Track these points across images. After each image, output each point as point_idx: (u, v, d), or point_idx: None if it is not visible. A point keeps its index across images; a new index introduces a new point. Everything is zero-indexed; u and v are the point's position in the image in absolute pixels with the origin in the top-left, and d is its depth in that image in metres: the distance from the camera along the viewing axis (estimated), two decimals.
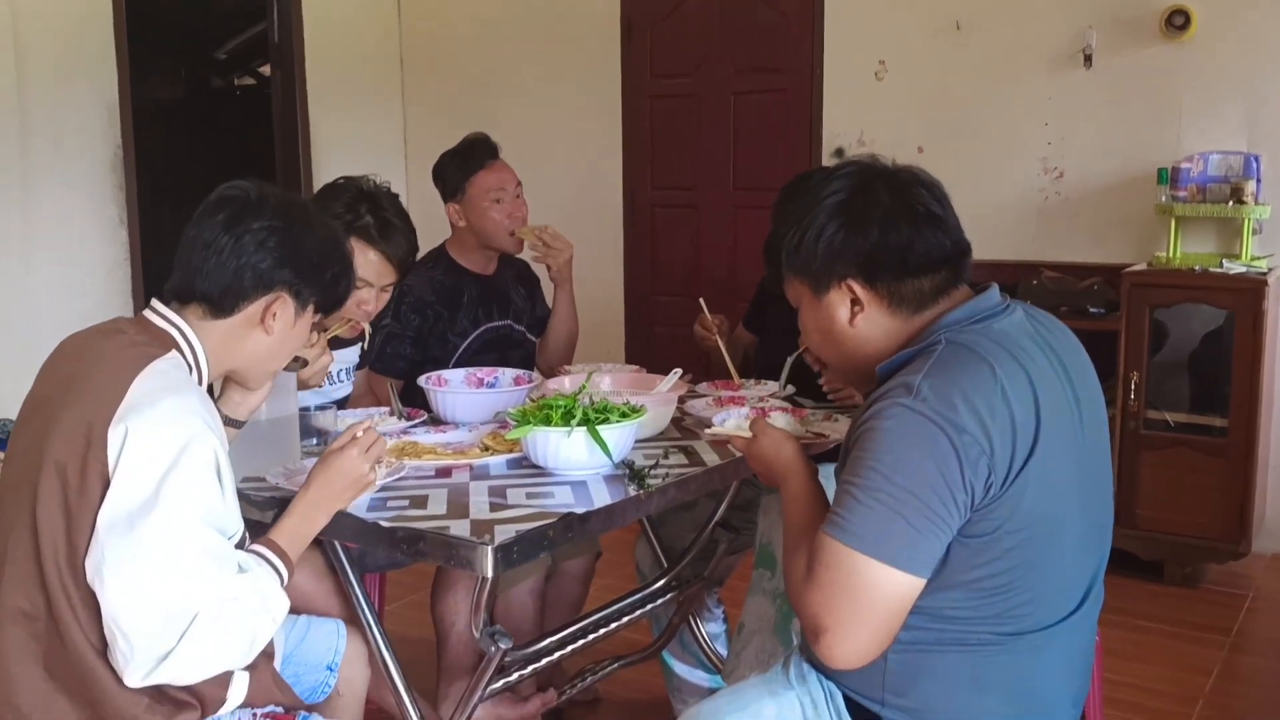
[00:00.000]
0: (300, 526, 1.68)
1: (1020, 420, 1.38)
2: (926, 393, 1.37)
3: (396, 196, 2.47)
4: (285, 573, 1.62)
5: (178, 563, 1.47)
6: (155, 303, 1.66)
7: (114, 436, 1.48)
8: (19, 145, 4.39)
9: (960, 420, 1.35)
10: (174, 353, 1.60)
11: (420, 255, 2.75)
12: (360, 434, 1.73)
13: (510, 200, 2.93)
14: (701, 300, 2.85)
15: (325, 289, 1.74)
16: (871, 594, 1.35)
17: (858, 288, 1.52)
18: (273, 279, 1.66)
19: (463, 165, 2.94)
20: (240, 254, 1.63)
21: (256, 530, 1.68)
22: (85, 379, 1.55)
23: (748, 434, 1.75)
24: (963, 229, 1.55)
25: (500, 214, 2.91)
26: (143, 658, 1.47)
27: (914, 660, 1.46)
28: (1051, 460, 1.41)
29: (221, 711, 1.63)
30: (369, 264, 2.36)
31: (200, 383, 1.65)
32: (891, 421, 1.37)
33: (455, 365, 2.82)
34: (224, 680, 1.61)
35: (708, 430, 2.11)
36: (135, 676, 1.48)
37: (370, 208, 2.38)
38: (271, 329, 1.68)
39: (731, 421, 1.94)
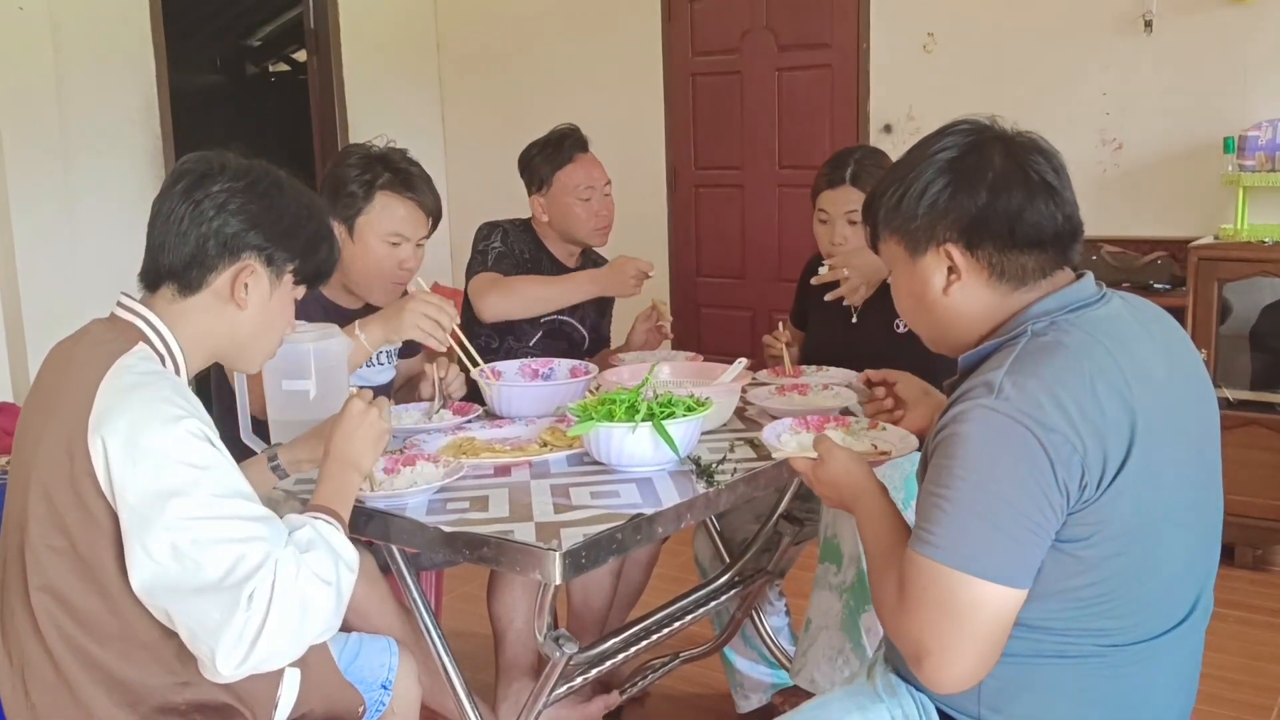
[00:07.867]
0: (339, 488, 1.58)
1: (1113, 418, 1.28)
2: (1009, 391, 1.27)
3: (406, 151, 2.39)
4: (341, 526, 1.51)
5: (226, 533, 1.35)
6: (122, 296, 1.55)
7: (95, 450, 1.37)
8: (60, 137, 4.38)
9: (1047, 419, 1.25)
10: (140, 345, 1.48)
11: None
12: (357, 394, 1.67)
13: (598, 198, 2.84)
14: (781, 323, 2.76)
15: (301, 253, 1.59)
16: (975, 613, 1.26)
17: (957, 254, 1.40)
18: (238, 244, 1.52)
19: (551, 157, 2.83)
20: (200, 220, 1.50)
21: None
22: (56, 391, 1.46)
23: (811, 454, 1.62)
24: (1078, 205, 1.44)
25: (586, 212, 2.82)
26: (230, 645, 1.32)
27: (1012, 673, 1.37)
28: (1155, 461, 1.30)
29: (276, 718, 1.57)
30: (401, 218, 2.31)
31: (178, 373, 1.52)
32: (974, 425, 1.27)
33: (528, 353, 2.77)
34: (274, 679, 1.54)
35: (772, 449, 2.01)
36: (230, 666, 1.33)
37: (385, 165, 2.32)
38: (244, 302, 1.54)
39: (791, 440, 1.84)
